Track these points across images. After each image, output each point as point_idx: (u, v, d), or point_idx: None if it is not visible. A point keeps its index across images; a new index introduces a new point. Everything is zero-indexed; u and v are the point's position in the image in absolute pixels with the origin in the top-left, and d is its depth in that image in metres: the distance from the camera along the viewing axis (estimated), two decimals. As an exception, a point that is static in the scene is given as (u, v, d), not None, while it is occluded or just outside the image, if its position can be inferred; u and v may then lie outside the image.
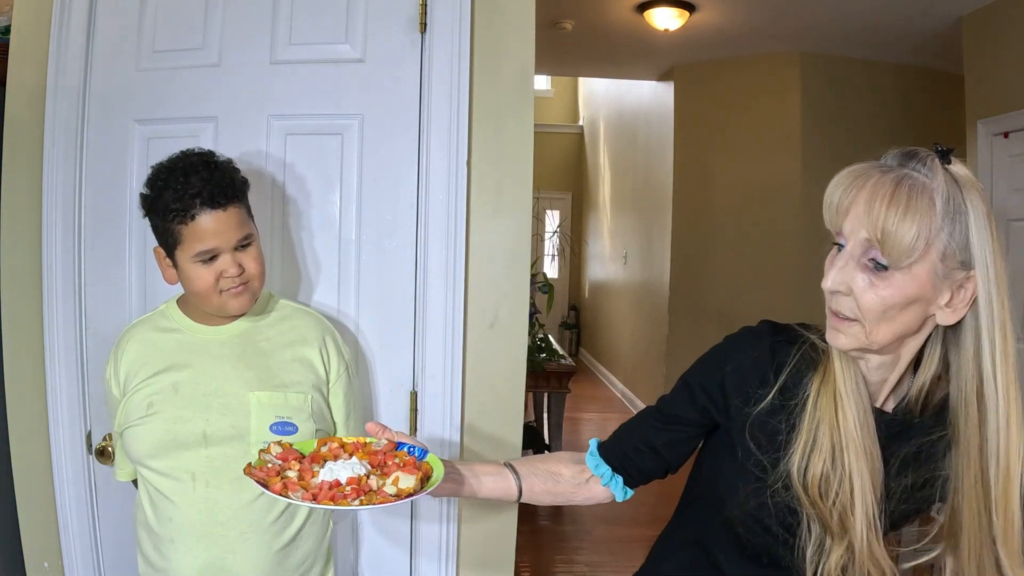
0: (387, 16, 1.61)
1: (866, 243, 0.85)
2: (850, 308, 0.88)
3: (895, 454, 0.95)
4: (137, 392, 1.28)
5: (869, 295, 0.86)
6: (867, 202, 0.84)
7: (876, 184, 0.85)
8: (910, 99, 4.81)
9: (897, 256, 0.84)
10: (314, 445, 1.06)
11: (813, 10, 3.93)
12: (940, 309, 0.88)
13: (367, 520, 1.65)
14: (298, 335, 1.36)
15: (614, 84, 7.00)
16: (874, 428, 0.92)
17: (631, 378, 6.67)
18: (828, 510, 0.91)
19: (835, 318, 0.90)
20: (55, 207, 1.64)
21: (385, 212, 1.62)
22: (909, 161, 0.87)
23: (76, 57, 1.62)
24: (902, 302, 0.86)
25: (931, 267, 0.85)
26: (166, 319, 1.34)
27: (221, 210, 1.22)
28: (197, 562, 1.24)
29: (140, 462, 1.28)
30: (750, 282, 5.03)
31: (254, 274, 1.27)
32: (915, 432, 0.96)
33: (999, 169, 3.61)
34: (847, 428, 0.91)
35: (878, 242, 0.84)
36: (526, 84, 1.64)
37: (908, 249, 0.83)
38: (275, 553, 1.28)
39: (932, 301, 0.87)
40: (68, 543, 1.68)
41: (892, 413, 0.96)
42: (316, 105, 1.62)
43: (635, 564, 1.17)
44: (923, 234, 0.83)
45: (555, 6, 3.98)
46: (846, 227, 0.87)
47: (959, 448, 0.91)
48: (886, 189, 0.84)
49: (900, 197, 0.83)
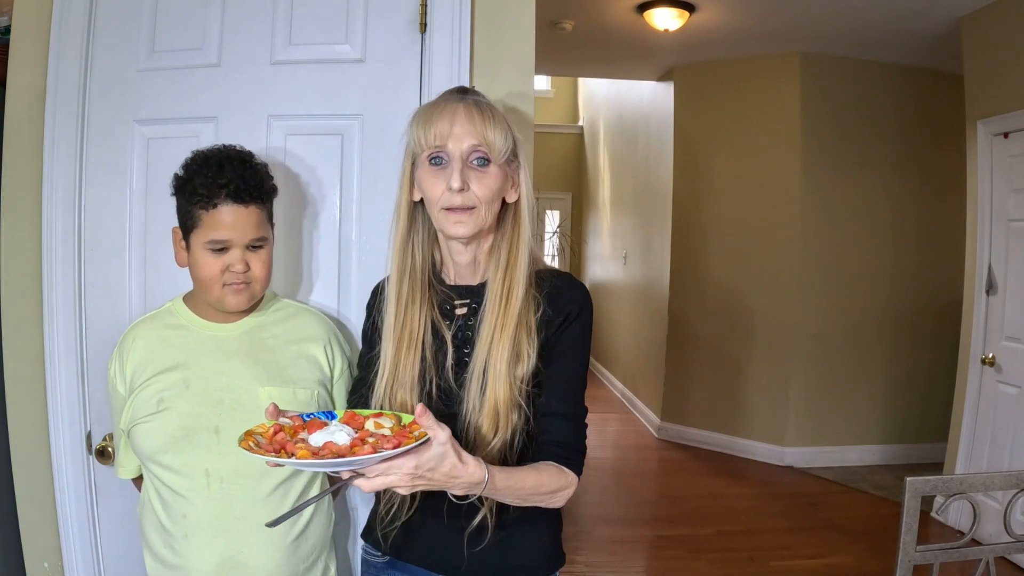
0: (387, 16, 1.61)
1: (472, 149, 1.14)
2: (471, 198, 1.14)
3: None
4: (145, 388, 1.29)
5: (481, 186, 1.15)
6: (467, 118, 1.13)
7: (466, 107, 1.15)
8: (910, 99, 4.81)
9: (496, 154, 1.15)
10: (270, 429, 1.02)
11: (813, 10, 3.93)
12: (509, 193, 1.20)
13: (366, 509, 1.65)
14: (303, 333, 1.40)
15: (614, 84, 7.00)
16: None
17: (631, 378, 6.67)
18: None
19: (456, 212, 1.15)
20: (55, 207, 1.64)
21: (385, 212, 1.60)
22: (467, 94, 1.19)
23: (76, 57, 1.62)
24: (500, 185, 1.17)
25: (503, 165, 1.17)
26: (173, 316, 1.36)
27: (243, 206, 1.26)
28: (214, 556, 1.26)
29: (151, 459, 1.29)
30: (750, 282, 5.03)
31: (258, 276, 1.30)
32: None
33: (999, 169, 3.61)
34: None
35: (484, 144, 1.14)
36: (526, 84, 1.64)
37: (502, 146, 1.15)
38: (288, 545, 1.31)
39: (504, 190, 1.19)
40: (68, 543, 1.68)
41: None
42: (316, 105, 1.62)
43: (635, 564, 1.18)
44: (506, 135, 1.16)
45: (555, 6, 3.98)
46: (452, 141, 1.13)
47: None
48: (474, 109, 1.15)
49: (487, 113, 1.15)
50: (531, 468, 1.12)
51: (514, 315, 1.14)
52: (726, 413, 5.17)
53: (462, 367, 1.19)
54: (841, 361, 4.88)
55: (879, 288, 4.87)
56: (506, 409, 1.13)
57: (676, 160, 5.36)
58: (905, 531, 1.30)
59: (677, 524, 3.86)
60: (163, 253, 1.62)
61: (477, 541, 1.17)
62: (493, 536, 1.16)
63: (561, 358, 1.18)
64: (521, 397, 1.14)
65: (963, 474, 1.44)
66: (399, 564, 1.28)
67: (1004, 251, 3.58)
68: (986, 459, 3.60)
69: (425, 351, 1.20)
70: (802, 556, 3.48)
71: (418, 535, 1.23)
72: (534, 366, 1.15)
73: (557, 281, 1.20)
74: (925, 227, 4.86)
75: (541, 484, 1.11)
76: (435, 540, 1.22)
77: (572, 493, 1.17)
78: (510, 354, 1.13)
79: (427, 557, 1.24)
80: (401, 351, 1.19)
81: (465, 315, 1.22)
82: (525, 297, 1.16)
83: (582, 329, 1.19)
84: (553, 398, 1.17)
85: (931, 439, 4.75)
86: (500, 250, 1.19)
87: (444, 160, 1.15)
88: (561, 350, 1.18)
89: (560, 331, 1.18)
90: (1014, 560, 3.27)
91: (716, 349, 5.23)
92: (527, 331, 1.15)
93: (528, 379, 1.15)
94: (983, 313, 3.67)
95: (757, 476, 4.71)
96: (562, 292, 1.19)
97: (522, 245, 1.18)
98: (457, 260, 1.23)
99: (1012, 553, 2.38)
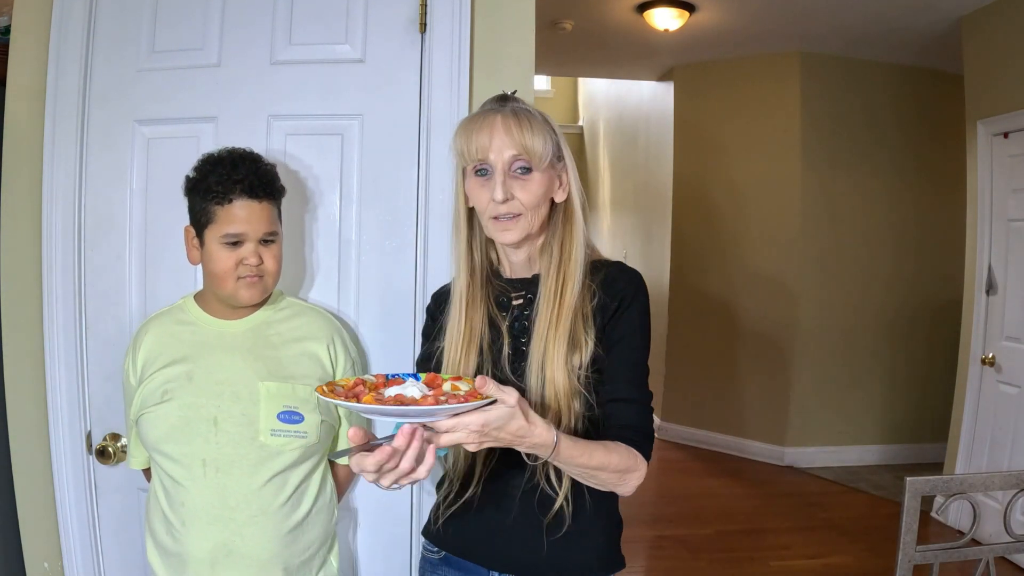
0: (387, 16, 1.61)
1: (512, 159, 1.16)
2: (517, 206, 1.17)
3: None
4: (152, 379, 1.35)
5: (525, 194, 1.17)
6: (505, 130, 1.15)
7: (503, 117, 1.16)
8: (910, 99, 4.81)
9: (538, 160, 1.16)
10: (351, 380, 1.04)
11: (813, 10, 3.93)
12: (557, 193, 1.22)
13: (366, 500, 1.66)
14: (307, 332, 1.43)
15: (614, 84, 7.00)
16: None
17: (631, 378, 6.66)
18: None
19: (503, 221, 1.18)
20: (55, 207, 1.64)
21: (385, 212, 1.62)
22: (507, 102, 1.20)
23: (76, 57, 1.62)
24: (544, 190, 1.19)
25: (549, 167, 1.19)
26: (183, 312, 1.42)
27: (256, 201, 1.31)
28: (208, 544, 1.31)
29: (155, 447, 1.34)
30: (750, 282, 5.03)
31: (270, 270, 1.35)
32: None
33: (999, 169, 3.61)
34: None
35: (525, 153, 1.15)
36: (526, 84, 1.64)
37: (542, 152, 1.16)
38: (283, 536, 1.34)
39: (552, 191, 1.21)
40: (68, 543, 1.68)
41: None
42: (316, 105, 1.62)
43: (635, 564, 1.19)
44: (546, 140, 1.17)
45: (555, 6, 3.98)
46: (493, 152, 1.16)
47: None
48: (512, 119, 1.16)
49: (525, 121, 1.16)
50: (601, 444, 1.11)
51: (569, 308, 1.16)
52: (726, 413, 5.17)
53: (519, 356, 1.20)
54: (841, 361, 4.87)
55: (879, 288, 4.87)
56: (567, 398, 1.14)
57: (676, 160, 5.36)
58: (905, 531, 1.30)
59: (677, 524, 3.87)
60: (163, 253, 1.62)
61: (554, 529, 1.18)
62: (568, 527, 1.17)
63: (620, 343, 1.18)
64: (581, 384, 1.15)
65: (963, 474, 1.44)
66: (454, 561, 1.28)
67: (1004, 251, 3.58)
68: (986, 459, 3.60)
69: (483, 344, 1.22)
70: (802, 556, 3.48)
71: (477, 530, 1.23)
72: (592, 353, 1.16)
73: (611, 269, 1.22)
74: (925, 227, 4.86)
75: (610, 461, 1.10)
76: (496, 535, 1.22)
77: (642, 479, 1.16)
78: (567, 345, 1.15)
79: (484, 552, 1.24)
80: (461, 350, 1.22)
81: (521, 306, 1.24)
82: (580, 289, 1.18)
83: (639, 313, 1.20)
84: (616, 383, 1.17)
85: (931, 439, 4.75)
86: (552, 247, 1.21)
87: (488, 171, 1.18)
88: (620, 335, 1.18)
89: (617, 316, 1.18)
90: (1014, 560, 3.27)
91: (716, 349, 5.23)
92: (583, 320, 1.17)
93: (588, 366, 1.16)
94: (983, 313, 3.67)
95: (757, 476, 4.71)
96: (616, 279, 1.20)
97: (575, 242, 1.20)
98: (512, 260, 1.26)
99: (1012, 553, 2.38)
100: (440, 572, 1.30)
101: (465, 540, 1.26)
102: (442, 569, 1.30)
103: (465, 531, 1.25)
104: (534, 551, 1.19)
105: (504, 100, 1.21)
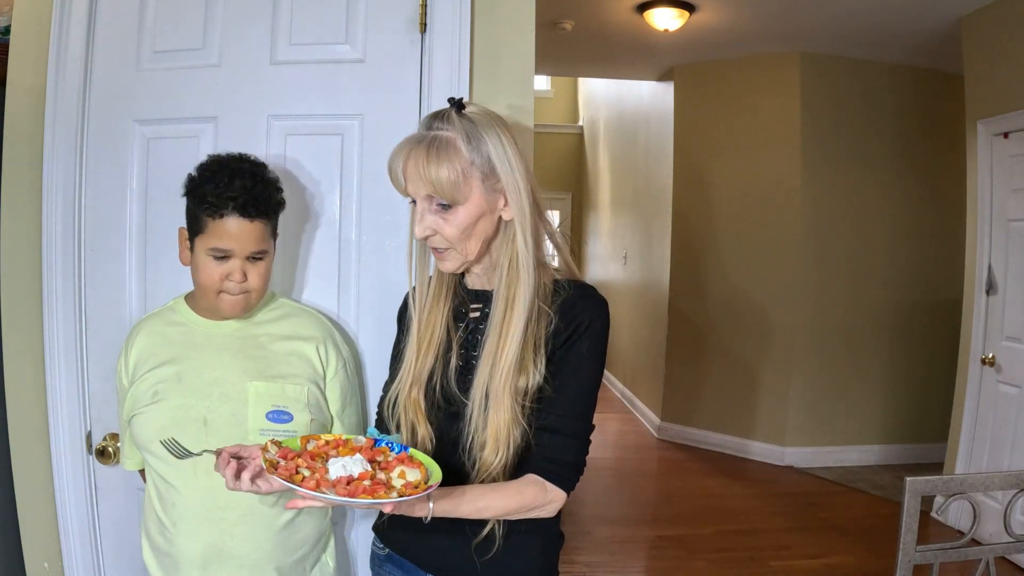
0: (387, 16, 1.61)
1: (428, 197, 1.13)
2: (440, 242, 1.16)
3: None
4: (143, 380, 1.35)
5: (447, 229, 1.14)
6: (414, 167, 1.11)
7: (413, 153, 1.12)
8: (910, 99, 4.81)
9: (451, 195, 1.12)
10: (298, 443, 1.11)
11: (813, 10, 3.93)
12: (503, 211, 1.16)
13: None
14: (297, 332, 1.43)
15: (614, 84, 7.00)
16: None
17: (631, 378, 6.67)
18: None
19: (436, 252, 1.18)
20: (55, 207, 1.64)
21: (385, 212, 1.62)
22: (434, 122, 1.14)
23: (76, 57, 1.62)
24: (471, 222, 1.14)
25: (479, 189, 1.13)
26: (174, 313, 1.42)
27: (248, 220, 1.29)
28: (199, 545, 1.31)
29: (146, 448, 1.34)
30: (750, 282, 5.03)
31: (255, 287, 1.34)
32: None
33: (999, 169, 3.61)
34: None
35: (435, 192, 1.11)
36: (526, 84, 1.64)
37: (453, 186, 1.11)
38: (274, 535, 1.35)
39: (495, 209, 1.16)
40: (68, 543, 1.68)
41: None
42: (316, 105, 1.62)
43: (635, 564, 1.19)
44: (457, 170, 1.11)
45: (555, 6, 3.98)
46: (410, 188, 1.14)
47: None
48: (421, 153, 1.11)
49: (432, 155, 1.10)
50: (504, 489, 1.12)
51: (519, 328, 1.12)
52: (726, 413, 5.17)
53: (468, 370, 1.19)
54: (841, 361, 4.88)
55: (879, 287, 4.87)
56: (507, 427, 1.13)
57: (676, 160, 5.36)
58: (905, 531, 1.30)
59: (677, 524, 3.86)
60: (163, 253, 1.62)
61: (484, 550, 1.17)
62: (501, 546, 1.17)
63: (566, 372, 1.15)
64: (523, 415, 1.13)
65: (963, 474, 1.44)
66: (396, 559, 1.30)
67: (1004, 251, 3.58)
68: (986, 459, 3.60)
69: (439, 350, 1.22)
70: (802, 556, 3.48)
71: (417, 534, 1.23)
72: (540, 381, 1.14)
73: (573, 291, 1.17)
74: (925, 227, 4.86)
75: (507, 507, 1.12)
76: (437, 543, 1.22)
77: (558, 508, 1.17)
78: (513, 368, 1.12)
79: (425, 557, 1.25)
80: (422, 350, 1.23)
81: (477, 319, 1.23)
82: (531, 309, 1.14)
83: (592, 343, 1.15)
84: (553, 413, 1.15)
85: (931, 439, 4.75)
86: (501, 266, 1.17)
87: (416, 202, 1.17)
88: (567, 364, 1.15)
89: (567, 345, 1.15)
90: (1014, 560, 3.27)
91: (716, 349, 5.23)
92: (534, 346, 1.14)
93: (533, 395, 1.14)
94: (983, 313, 3.67)
95: (757, 476, 4.71)
96: (574, 304, 1.16)
97: (520, 260, 1.15)
98: (473, 270, 1.25)
99: (1012, 553, 2.38)
100: (386, 569, 1.32)
101: (405, 541, 1.27)
102: (387, 566, 1.32)
103: (406, 533, 1.25)
104: (471, 562, 1.19)
105: (436, 118, 1.15)
